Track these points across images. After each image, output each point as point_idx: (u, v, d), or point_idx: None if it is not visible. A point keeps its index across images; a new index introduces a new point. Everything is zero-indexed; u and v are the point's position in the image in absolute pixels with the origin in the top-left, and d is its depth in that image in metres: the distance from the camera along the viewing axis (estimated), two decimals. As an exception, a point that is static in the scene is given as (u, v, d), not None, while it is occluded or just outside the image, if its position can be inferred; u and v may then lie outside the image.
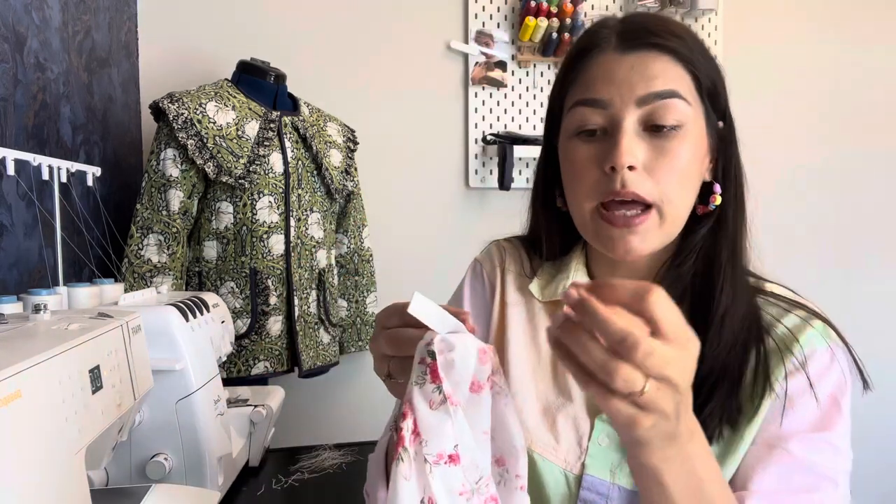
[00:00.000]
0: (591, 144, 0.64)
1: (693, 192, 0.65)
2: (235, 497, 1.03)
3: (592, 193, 0.63)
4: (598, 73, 0.64)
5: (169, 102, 1.42)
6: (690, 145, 0.63)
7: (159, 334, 0.89)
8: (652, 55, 0.63)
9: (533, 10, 1.88)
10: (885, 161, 2.28)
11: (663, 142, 0.62)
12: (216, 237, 1.47)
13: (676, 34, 0.64)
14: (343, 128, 1.72)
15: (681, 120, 0.62)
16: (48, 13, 1.23)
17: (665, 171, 0.61)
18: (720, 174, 0.68)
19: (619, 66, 0.63)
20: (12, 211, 1.08)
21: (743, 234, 0.68)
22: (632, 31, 0.64)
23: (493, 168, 1.99)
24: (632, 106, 0.62)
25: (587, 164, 0.64)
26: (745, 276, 0.68)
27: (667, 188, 0.62)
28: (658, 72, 0.62)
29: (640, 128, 0.62)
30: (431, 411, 0.49)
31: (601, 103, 0.63)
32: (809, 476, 0.59)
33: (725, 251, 0.66)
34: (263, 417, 1.11)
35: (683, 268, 0.67)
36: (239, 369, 1.46)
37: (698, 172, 0.65)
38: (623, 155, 0.60)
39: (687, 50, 0.63)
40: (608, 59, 0.64)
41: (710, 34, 2.10)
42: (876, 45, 2.26)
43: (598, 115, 0.63)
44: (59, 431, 0.55)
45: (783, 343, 0.64)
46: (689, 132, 0.62)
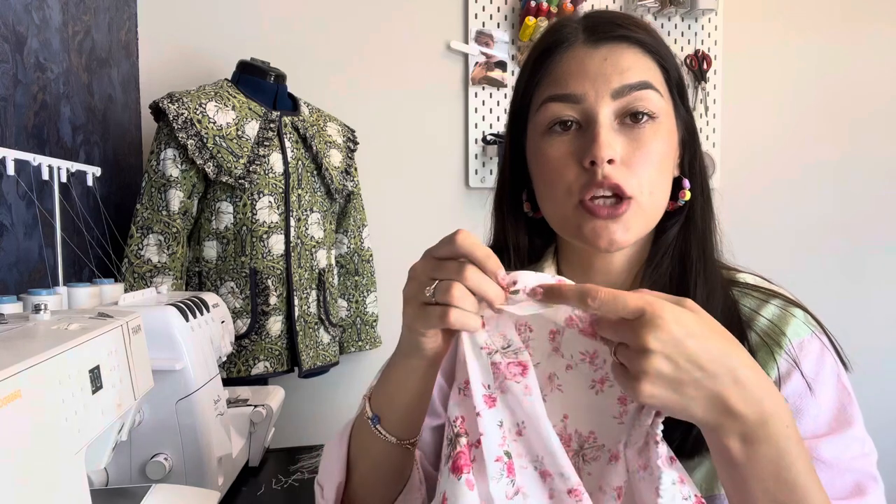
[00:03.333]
0: (565, 140, 0.62)
1: (668, 184, 0.64)
2: (235, 497, 1.03)
3: (572, 189, 0.62)
4: (570, 67, 0.62)
5: (169, 102, 1.42)
6: (664, 137, 0.62)
7: (159, 334, 0.88)
8: (622, 47, 0.62)
9: (533, 10, 1.88)
10: (886, 161, 2.28)
11: (638, 134, 0.61)
12: (216, 237, 1.47)
13: (642, 27, 0.63)
14: (343, 128, 1.72)
15: (655, 111, 0.61)
16: (48, 13, 1.23)
17: (642, 163, 0.60)
18: (687, 169, 0.68)
19: (591, 60, 0.61)
20: (12, 211, 1.08)
21: (712, 229, 0.67)
22: (599, 24, 0.63)
23: (493, 168, 1.99)
24: (607, 98, 0.60)
25: (564, 160, 0.62)
26: (718, 271, 0.67)
27: (644, 180, 0.61)
28: (630, 63, 0.61)
29: (616, 121, 0.61)
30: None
31: (574, 98, 0.61)
32: (851, 477, 0.58)
33: (696, 248, 0.66)
34: (263, 417, 1.11)
35: (662, 268, 0.66)
36: (239, 369, 1.46)
37: (671, 166, 0.65)
38: (603, 148, 0.59)
39: (654, 42, 0.63)
40: (578, 53, 0.62)
41: (710, 34, 2.10)
42: (877, 45, 2.25)
43: (572, 110, 0.62)
44: (59, 431, 0.55)
45: (769, 337, 0.63)
46: (663, 124, 0.62)
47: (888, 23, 2.26)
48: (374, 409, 0.63)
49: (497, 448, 0.49)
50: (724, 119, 2.13)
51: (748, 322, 0.64)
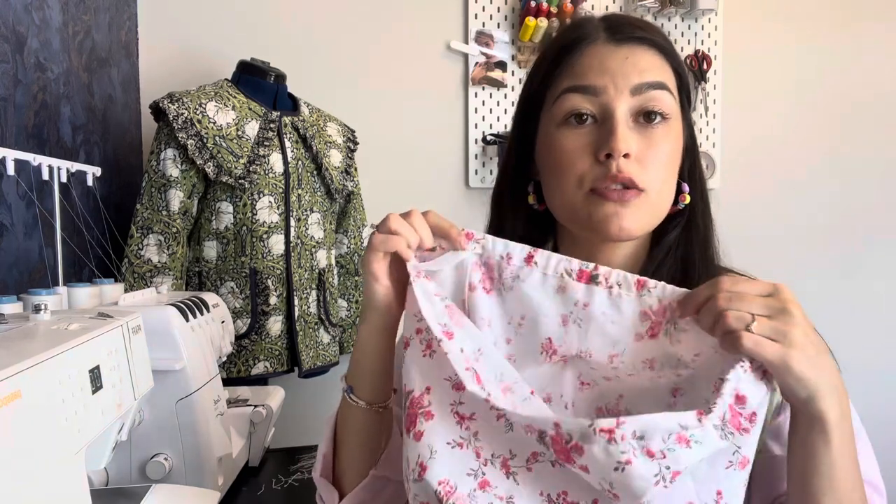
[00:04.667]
0: (581, 133, 0.64)
1: (674, 185, 0.67)
2: (235, 497, 1.03)
3: (584, 180, 0.63)
4: (591, 62, 0.64)
5: (169, 102, 1.42)
6: (673, 138, 0.65)
7: (159, 334, 0.88)
8: (642, 48, 0.65)
9: (533, 10, 1.88)
10: (886, 161, 2.28)
11: (651, 132, 0.63)
12: (216, 237, 1.47)
13: (660, 32, 0.67)
14: (343, 128, 1.72)
15: (668, 112, 0.64)
16: (48, 13, 1.23)
17: (653, 160, 0.63)
18: (687, 174, 0.70)
19: (613, 57, 0.64)
20: (12, 211, 1.08)
21: (712, 232, 0.70)
22: (619, 25, 0.66)
23: (493, 168, 1.99)
24: (626, 94, 0.63)
25: (579, 152, 0.64)
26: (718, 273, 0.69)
27: (655, 177, 0.63)
28: (649, 64, 0.64)
29: (631, 119, 0.63)
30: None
31: (594, 90, 0.63)
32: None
33: (699, 251, 0.68)
34: (263, 417, 1.11)
35: (664, 269, 0.68)
36: (239, 369, 1.46)
37: (676, 168, 0.67)
38: (620, 142, 0.61)
39: (671, 48, 0.66)
40: (600, 49, 0.65)
41: (710, 34, 2.10)
42: (877, 45, 2.25)
43: (590, 103, 0.64)
44: (59, 431, 0.55)
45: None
46: (673, 126, 0.65)
47: (888, 23, 2.26)
48: (349, 381, 0.69)
49: (464, 363, 0.55)
50: (724, 119, 2.13)
51: None
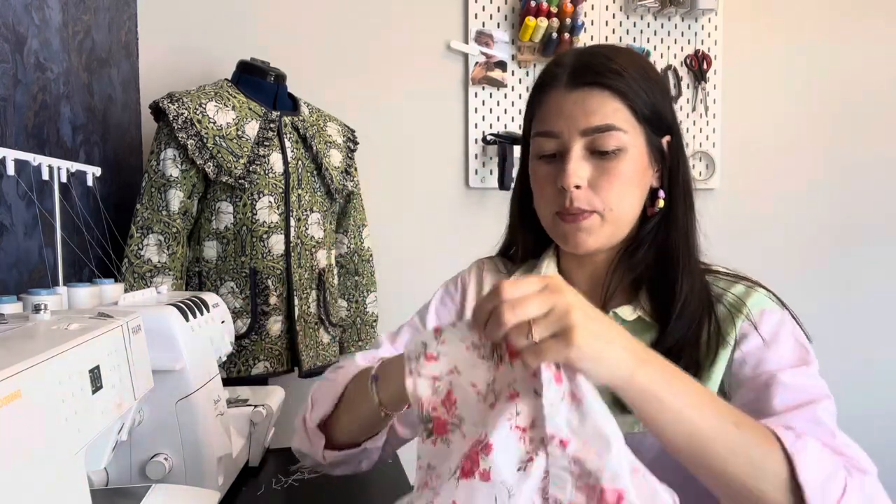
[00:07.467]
0: (549, 166, 0.77)
1: (637, 199, 0.77)
2: (235, 497, 1.03)
3: (551, 204, 0.77)
4: (551, 107, 0.76)
5: (169, 102, 1.42)
6: (630, 164, 0.74)
7: (159, 334, 0.88)
8: (594, 92, 0.74)
9: (533, 10, 1.88)
10: (886, 161, 2.28)
11: (605, 163, 0.74)
12: (216, 237, 1.47)
13: (616, 71, 0.73)
14: (343, 128, 1.72)
15: (619, 146, 0.73)
16: (48, 13, 1.23)
17: (606, 186, 0.74)
18: (666, 180, 0.79)
19: (566, 102, 0.75)
20: (12, 211, 1.08)
21: (693, 229, 0.79)
22: (579, 69, 0.75)
23: (493, 168, 1.99)
24: (577, 135, 0.74)
25: (546, 181, 0.77)
26: (698, 265, 0.78)
27: (608, 199, 0.74)
28: (596, 107, 0.73)
29: (587, 152, 0.74)
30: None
31: (553, 134, 0.76)
32: (806, 394, 0.66)
33: (680, 245, 0.77)
34: (263, 417, 1.11)
35: (635, 257, 0.78)
36: (239, 369, 1.46)
37: (641, 183, 0.76)
38: (569, 177, 0.73)
39: (624, 85, 0.73)
40: (559, 95, 0.76)
41: (710, 34, 2.10)
42: (877, 45, 2.25)
43: (552, 143, 0.76)
44: (59, 431, 0.55)
45: (734, 308, 0.73)
46: (628, 154, 0.74)
47: (888, 22, 2.26)
48: (379, 371, 0.73)
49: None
50: (723, 119, 2.13)
51: (717, 298, 0.75)
